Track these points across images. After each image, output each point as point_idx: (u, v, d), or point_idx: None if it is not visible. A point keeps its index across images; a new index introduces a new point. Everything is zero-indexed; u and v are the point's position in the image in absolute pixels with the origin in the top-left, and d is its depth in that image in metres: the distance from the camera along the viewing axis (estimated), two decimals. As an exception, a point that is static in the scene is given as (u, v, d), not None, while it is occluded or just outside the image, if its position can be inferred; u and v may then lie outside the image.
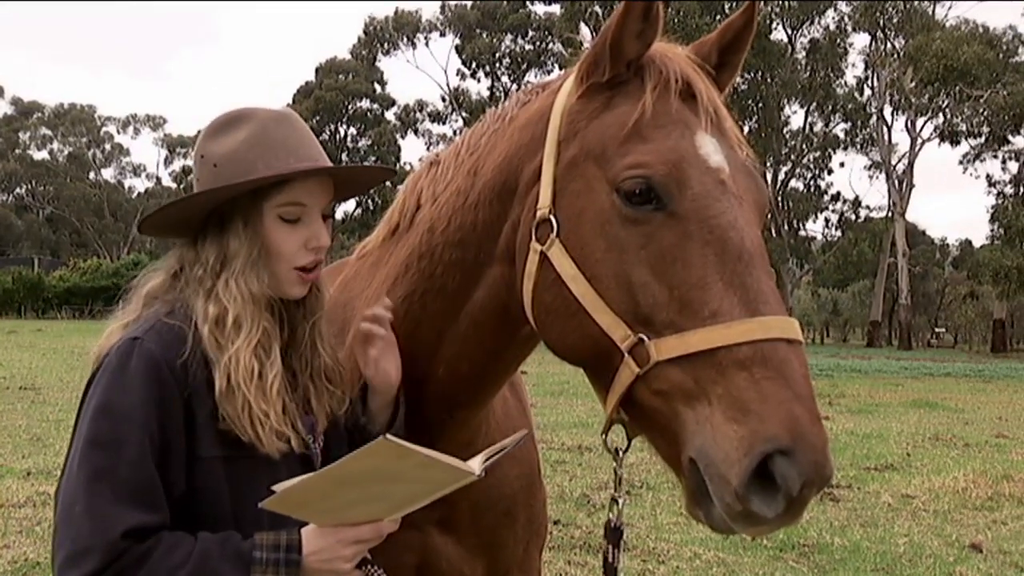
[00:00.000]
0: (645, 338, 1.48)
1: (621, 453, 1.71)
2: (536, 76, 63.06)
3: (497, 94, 64.32)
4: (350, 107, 70.23)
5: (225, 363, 1.62)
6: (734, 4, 47.33)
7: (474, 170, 1.86)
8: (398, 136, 71.41)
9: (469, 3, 62.36)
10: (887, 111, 55.26)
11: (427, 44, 64.66)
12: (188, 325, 1.65)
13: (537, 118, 1.75)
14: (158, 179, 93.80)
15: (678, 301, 1.47)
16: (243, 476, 1.64)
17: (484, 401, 2.07)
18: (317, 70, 70.76)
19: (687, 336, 1.44)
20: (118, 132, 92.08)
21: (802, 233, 60.03)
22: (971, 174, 74.15)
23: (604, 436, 1.66)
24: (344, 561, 1.62)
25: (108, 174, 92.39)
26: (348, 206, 71.85)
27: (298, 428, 1.72)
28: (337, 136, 70.99)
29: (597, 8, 53.29)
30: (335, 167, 1.80)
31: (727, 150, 1.62)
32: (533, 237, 1.64)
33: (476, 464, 1.59)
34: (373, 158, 68.74)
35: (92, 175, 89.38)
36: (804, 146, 55.38)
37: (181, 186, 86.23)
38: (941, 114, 52.10)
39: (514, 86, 63.81)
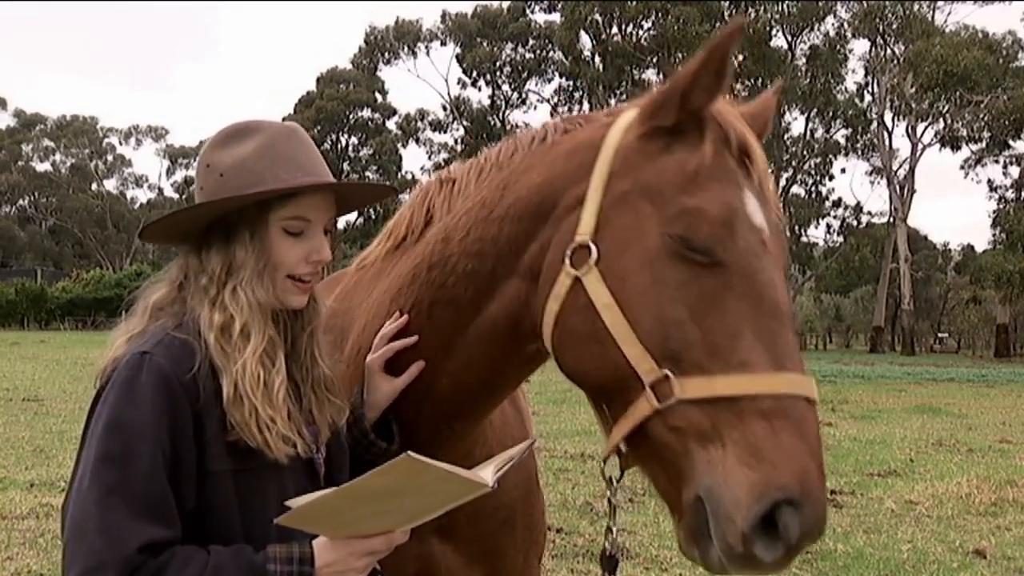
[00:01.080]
0: (671, 374, 1.51)
1: (616, 482, 1.73)
2: (536, 84, 63.22)
3: (498, 103, 64.43)
4: (351, 117, 70.34)
5: (233, 371, 1.63)
6: (734, 11, 47.49)
7: (504, 185, 1.86)
8: (399, 145, 71.50)
9: (469, 12, 62.54)
10: (888, 117, 55.32)
11: (428, 53, 64.83)
12: (196, 338, 1.65)
13: (586, 147, 1.76)
14: (160, 190, 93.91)
15: (709, 345, 1.51)
16: (252, 489, 1.64)
17: (485, 414, 2.08)
18: (318, 80, 70.95)
19: (715, 380, 1.49)
20: (120, 143, 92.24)
21: (804, 239, 60.05)
22: (972, 179, 74.10)
23: (604, 463, 1.69)
24: (356, 573, 1.63)
25: (110, 185, 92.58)
26: (350, 216, 71.75)
27: (303, 435, 1.73)
28: (339, 146, 71.11)
29: (597, 16, 53.43)
30: (342, 183, 1.82)
31: (766, 212, 1.67)
32: (567, 261, 1.66)
33: (489, 476, 1.60)
34: (374, 167, 68.93)
35: (95, 186, 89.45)
36: (805, 152, 55.44)
37: (183, 196, 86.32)
38: (942, 119, 52.10)
39: (515, 94, 63.95)
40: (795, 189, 57.95)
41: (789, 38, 52.70)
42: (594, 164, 1.70)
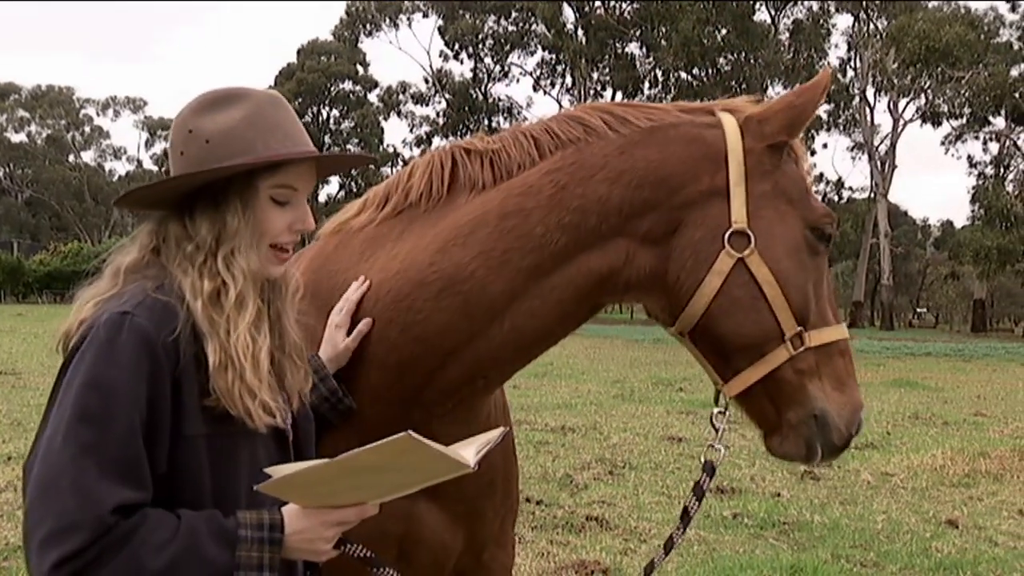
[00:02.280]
0: (803, 330, 2.03)
1: (725, 412, 2.17)
2: (519, 57, 62.80)
3: (480, 76, 64.01)
4: (332, 89, 69.68)
5: (222, 339, 1.61)
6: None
7: (606, 154, 2.04)
8: (381, 118, 70.99)
9: (452, -17, 61.87)
10: (870, 92, 55.46)
11: (410, 25, 64.47)
12: (177, 301, 1.63)
13: (706, 143, 2.07)
14: (139, 162, 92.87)
15: (819, 308, 2.08)
16: (224, 454, 1.64)
17: (510, 373, 2.19)
18: (299, 52, 70.14)
19: (824, 331, 2.06)
20: (98, 114, 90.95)
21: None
22: (952, 155, 74.46)
23: (726, 399, 2.13)
24: (325, 542, 1.64)
25: (88, 157, 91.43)
26: (331, 188, 71.54)
27: (280, 404, 1.73)
28: (320, 118, 70.51)
29: (580, -11, 53.04)
30: (332, 155, 1.87)
31: None
32: (725, 244, 2.00)
33: (471, 457, 1.62)
34: (356, 140, 68.46)
35: (72, 158, 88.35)
36: (787, 127, 55.32)
37: (163, 169, 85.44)
38: (923, 95, 52.31)
39: (497, 67, 63.51)
40: (777, 164, 57.93)
41: (772, 12, 52.60)
42: (725, 161, 2.04)
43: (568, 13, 56.51)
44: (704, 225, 2.03)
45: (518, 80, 65.05)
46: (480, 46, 62.03)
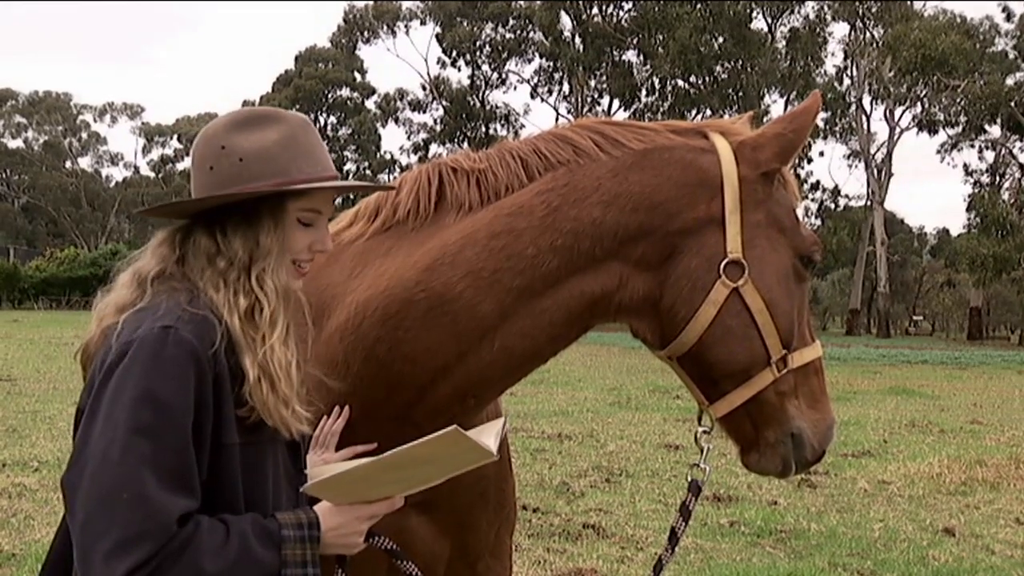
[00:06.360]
0: (787, 353, 2.08)
1: (710, 431, 2.20)
2: (517, 65, 62.92)
3: (478, 83, 64.11)
4: (330, 96, 69.75)
5: (258, 354, 1.67)
6: (714, -7, 47.43)
7: (599, 176, 2.03)
8: (378, 125, 71.06)
9: (449, -9, 61.98)
10: (866, 100, 55.60)
11: (407, 33, 64.58)
12: (211, 314, 1.67)
13: (701, 169, 2.06)
14: (136, 168, 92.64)
15: (800, 332, 2.13)
16: (254, 461, 1.70)
17: (500, 391, 2.17)
18: (296, 58, 70.23)
19: (804, 352, 2.13)
20: (95, 120, 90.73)
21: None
22: (948, 163, 74.65)
23: (712, 422, 2.16)
24: (358, 535, 1.72)
25: (85, 163, 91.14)
26: (328, 195, 71.43)
27: (308, 412, 1.80)
28: (317, 125, 70.23)
29: (578, -3, 53.19)
30: (361, 185, 2.02)
31: None
32: (722, 273, 2.02)
33: (492, 445, 1.67)
34: (353, 147, 68.57)
35: (68, 164, 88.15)
36: (784, 135, 55.41)
37: (160, 175, 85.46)
38: (919, 103, 52.49)
39: (495, 74, 63.64)
40: (773, 172, 58.01)
41: (769, 20, 52.76)
42: (721, 189, 2.05)
43: (566, 21, 56.70)
44: (700, 254, 2.03)
45: (515, 87, 65.26)
46: (478, 53, 62.11)
